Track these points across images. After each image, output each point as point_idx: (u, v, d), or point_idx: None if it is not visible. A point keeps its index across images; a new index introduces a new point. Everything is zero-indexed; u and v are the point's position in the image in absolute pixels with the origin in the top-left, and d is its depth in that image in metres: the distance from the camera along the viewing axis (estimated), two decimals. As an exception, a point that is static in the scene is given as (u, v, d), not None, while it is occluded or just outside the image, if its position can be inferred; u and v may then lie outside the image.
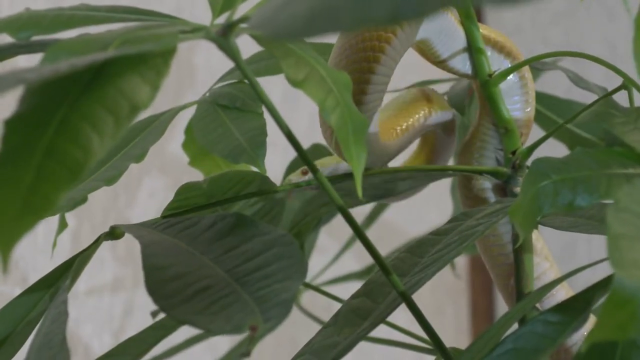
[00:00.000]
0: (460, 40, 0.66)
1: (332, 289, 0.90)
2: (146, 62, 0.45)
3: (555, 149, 0.86)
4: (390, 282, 0.54)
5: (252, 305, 0.47)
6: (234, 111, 0.74)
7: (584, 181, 0.47)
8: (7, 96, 0.44)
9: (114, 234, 0.62)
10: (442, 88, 0.90)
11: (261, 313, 0.46)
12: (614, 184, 0.46)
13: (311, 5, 0.36)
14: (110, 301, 1.23)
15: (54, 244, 0.77)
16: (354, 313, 0.60)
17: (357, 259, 1.30)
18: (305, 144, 0.83)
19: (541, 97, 0.82)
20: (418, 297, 0.58)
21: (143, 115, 0.74)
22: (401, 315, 0.71)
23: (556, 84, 0.83)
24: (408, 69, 0.89)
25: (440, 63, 0.67)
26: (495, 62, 0.67)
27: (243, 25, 0.49)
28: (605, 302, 0.38)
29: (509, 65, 0.67)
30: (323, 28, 0.36)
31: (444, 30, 0.65)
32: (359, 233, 0.54)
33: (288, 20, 0.37)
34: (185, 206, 0.66)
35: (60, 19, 0.52)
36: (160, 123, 0.75)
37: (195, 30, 0.49)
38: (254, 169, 0.70)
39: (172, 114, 0.76)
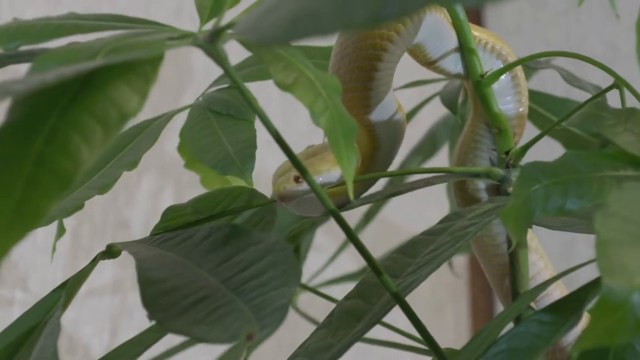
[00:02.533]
0: (452, 42, 0.66)
1: (330, 290, 0.90)
2: (134, 70, 0.45)
3: (549, 147, 0.86)
4: (382, 284, 0.54)
5: (248, 314, 0.47)
6: (227, 118, 0.73)
7: (575, 185, 0.46)
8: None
9: (110, 252, 0.63)
10: (435, 88, 0.90)
11: (257, 320, 0.46)
12: (605, 187, 0.46)
13: (294, 10, 0.36)
14: (110, 302, 1.23)
15: (53, 249, 0.78)
16: (348, 314, 0.60)
17: (354, 259, 1.29)
18: (305, 146, 0.83)
19: (536, 96, 0.82)
20: (418, 297, 0.58)
21: (142, 116, 0.74)
22: (400, 316, 0.71)
23: (555, 84, 0.83)
24: (401, 69, 0.89)
25: (431, 64, 0.67)
26: (487, 63, 0.67)
27: (230, 31, 0.49)
28: (594, 308, 0.38)
29: (501, 65, 0.67)
30: (306, 32, 0.36)
31: (436, 31, 0.65)
32: (351, 235, 0.54)
33: (272, 26, 0.38)
34: (173, 226, 0.66)
35: (49, 29, 0.52)
36: (153, 129, 0.75)
37: (183, 37, 0.49)
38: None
39: (165, 118, 0.76)
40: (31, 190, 0.42)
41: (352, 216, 0.74)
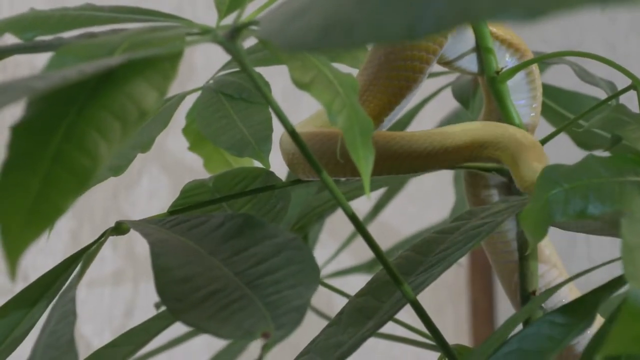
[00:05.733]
0: (469, 41, 0.66)
1: (332, 283, 0.90)
2: (153, 67, 0.45)
3: (558, 141, 0.85)
4: (401, 291, 0.54)
5: (263, 311, 0.46)
6: (239, 102, 0.73)
7: (596, 189, 0.46)
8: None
9: (119, 229, 0.62)
10: (445, 80, 0.89)
11: (273, 320, 0.46)
12: (627, 192, 0.46)
13: (325, 18, 0.36)
14: (111, 300, 1.23)
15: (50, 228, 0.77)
16: (359, 312, 0.60)
17: (352, 255, 1.29)
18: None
19: (546, 89, 0.81)
20: (418, 297, 0.57)
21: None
22: (403, 310, 0.71)
23: (559, 82, 0.83)
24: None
25: (447, 63, 0.66)
26: (502, 59, 0.67)
27: (252, 27, 0.48)
28: (620, 314, 0.37)
29: (517, 62, 0.67)
30: (336, 42, 0.35)
31: (456, 34, 0.65)
32: (368, 238, 0.54)
33: (301, 32, 0.37)
34: (190, 203, 0.65)
35: (66, 20, 0.51)
36: (165, 110, 0.74)
37: (202, 33, 0.48)
38: (257, 163, 0.70)
39: (177, 100, 0.75)
40: (48, 187, 0.42)
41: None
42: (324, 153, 0.62)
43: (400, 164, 0.62)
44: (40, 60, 1.13)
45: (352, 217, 0.53)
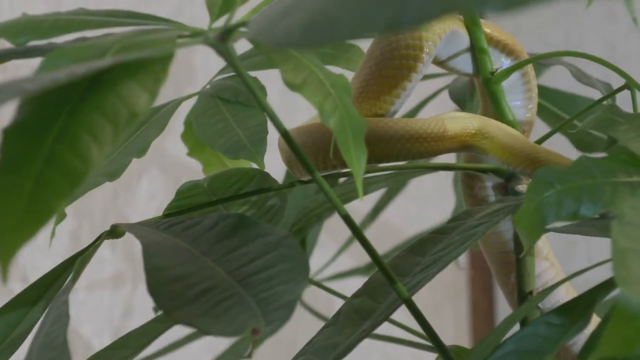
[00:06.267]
0: (463, 42, 0.66)
1: (332, 286, 0.90)
2: (145, 69, 0.45)
3: (555, 143, 0.85)
4: (394, 290, 0.54)
5: (254, 308, 0.47)
6: (236, 105, 0.73)
7: (589, 190, 0.46)
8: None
9: (115, 232, 0.62)
10: (442, 82, 0.90)
11: (263, 316, 0.46)
12: (619, 193, 0.46)
13: (310, 15, 0.36)
14: (110, 301, 1.23)
15: (52, 234, 0.77)
16: (356, 313, 0.60)
17: (352, 257, 1.29)
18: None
19: (543, 91, 0.81)
20: (417, 296, 0.58)
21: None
22: (400, 311, 0.71)
23: (557, 83, 0.83)
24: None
25: (441, 63, 0.67)
26: (497, 60, 0.67)
27: (242, 29, 0.48)
28: (611, 318, 0.37)
29: (512, 64, 0.67)
30: (322, 37, 0.35)
31: (450, 34, 0.65)
32: (362, 239, 0.54)
33: (287, 30, 0.37)
34: (186, 205, 0.66)
35: (59, 24, 0.51)
36: (161, 116, 0.75)
37: (193, 35, 0.49)
38: (254, 165, 0.70)
39: (173, 106, 0.76)
40: (41, 189, 0.42)
41: (354, 217, 0.74)
42: (314, 145, 0.63)
43: (387, 148, 0.63)
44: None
45: (346, 218, 0.53)
